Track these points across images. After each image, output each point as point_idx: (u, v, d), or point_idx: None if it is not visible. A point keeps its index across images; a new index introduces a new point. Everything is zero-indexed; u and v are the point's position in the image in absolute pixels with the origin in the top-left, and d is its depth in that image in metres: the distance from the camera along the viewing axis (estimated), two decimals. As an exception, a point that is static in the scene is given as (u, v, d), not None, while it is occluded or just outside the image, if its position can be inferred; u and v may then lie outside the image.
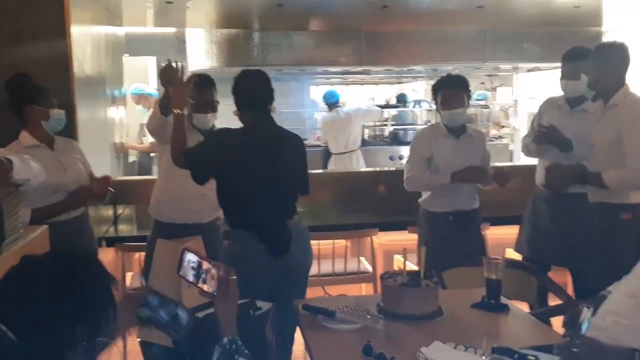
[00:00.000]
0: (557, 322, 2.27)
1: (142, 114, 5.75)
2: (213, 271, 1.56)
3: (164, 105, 2.83)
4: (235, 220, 2.73)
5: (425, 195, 3.33)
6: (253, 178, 2.64)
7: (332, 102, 6.57)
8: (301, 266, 2.81)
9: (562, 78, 3.17)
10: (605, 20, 5.70)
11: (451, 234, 3.19)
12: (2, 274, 1.64)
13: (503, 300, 2.31)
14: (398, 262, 3.94)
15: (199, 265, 1.57)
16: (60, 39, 3.09)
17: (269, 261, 2.64)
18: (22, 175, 2.14)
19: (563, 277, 3.44)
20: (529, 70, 7.00)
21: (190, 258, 1.59)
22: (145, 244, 3.20)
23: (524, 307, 2.68)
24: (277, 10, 4.64)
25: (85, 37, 3.60)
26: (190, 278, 1.58)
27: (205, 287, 1.56)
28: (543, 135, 3.15)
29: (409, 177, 3.27)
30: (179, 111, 2.69)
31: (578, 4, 4.72)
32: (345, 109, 6.65)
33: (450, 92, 3.19)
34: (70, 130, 3.05)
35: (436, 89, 3.26)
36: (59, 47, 3.10)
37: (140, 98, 5.75)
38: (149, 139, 5.65)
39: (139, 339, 2.12)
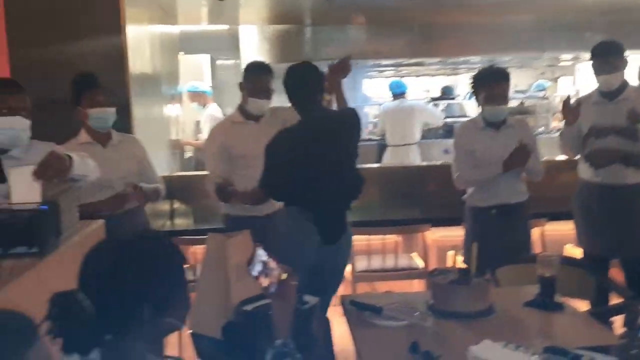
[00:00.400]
0: (619, 321, 2.18)
1: (198, 111, 5.88)
2: (276, 272, 1.60)
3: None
4: (297, 208, 2.76)
5: (469, 190, 3.26)
6: (317, 169, 2.68)
7: (398, 92, 6.34)
8: (342, 263, 2.87)
9: (596, 74, 3.13)
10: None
11: (495, 230, 3.11)
12: (59, 268, 1.71)
13: (558, 298, 2.22)
14: (451, 258, 3.87)
15: (266, 263, 1.62)
16: (116, 38, 3.18)
17: (319, 247, 2.70)
18: (80, 172, 2.21)
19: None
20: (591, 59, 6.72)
21: (261, 254, 1.64)
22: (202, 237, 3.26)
23: (584, 306, 2.58)
24: (326, 5, 4.63)
25: (140, 36, 3.70)
26: (255, 272, 1.63)
27: (266, 283, 1.60)
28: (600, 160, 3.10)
29: (458, 176, 3.20)
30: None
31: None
32: (410, 101, 6.47)
33: (494, 87, 3.08)
34: (126, 127, 3.14)
35: (477, 83, 3.16)
36: (115, 45, 3.19)
37: (196, 95, 5.88)
38: (205, 136, 5.78)
39: (189, 331, 2.16)
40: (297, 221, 2.73)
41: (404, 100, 6.31)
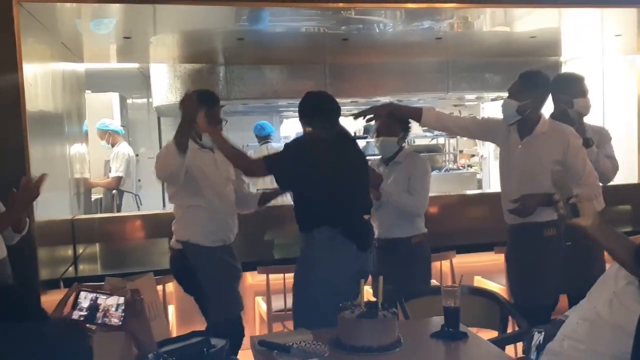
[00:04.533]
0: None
1: (107, 150, 5.69)
2: (112, 300, 1.49)
3: (181, 140, 2.90)
4: (319, 220, 2.86)
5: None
6: (341, 181, 2.87)
7: (262, 135, 6.03)
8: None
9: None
10: (564, 50, 5.86)
11: (383, 263, 3.28)
12: None
13: (462, 328, 2.27)
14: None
15: (95, 300, 1.50)
16: (12, 74, 3.02)
17: (356, 254, 2.86)
18: None
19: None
20: (492, 100, 7.11)
21: (84, 299, 1.51)
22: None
23: (493, 334, 2.65)
24: (238, 44, 4.65)
25: (39, 73, 3.55)
26: (77, 316, 1.51)
27: (112, 322, 1.50)
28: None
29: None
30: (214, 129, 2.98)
31: (534, 34, 4.83)
32: (275, 144, 6.00)
33: (382, 121, 3.38)
34: (21, 166, 2.97)
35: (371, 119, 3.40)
36: (11, 82, 3.03)
37: (105, 134, 5.70)
38: (112, 174, 5.58)
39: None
40: (330, 240, 2.84)
41: (268, 145, 5.91)
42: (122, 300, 1.48)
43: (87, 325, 1.51)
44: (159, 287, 3.22)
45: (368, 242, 3.00)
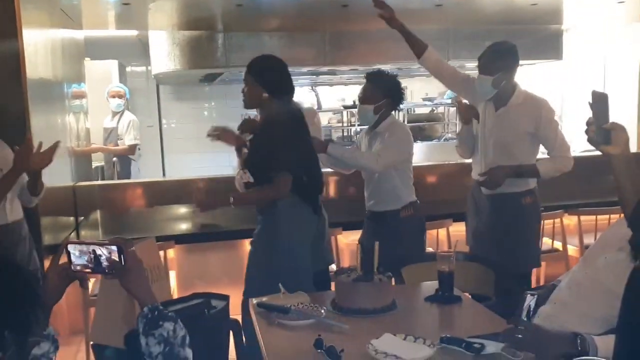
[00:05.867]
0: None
1: (117, 110, 5.64)
2: (106, 250, 1.52)
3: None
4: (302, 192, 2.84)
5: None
6: (305, 150, 2.90)
7: None
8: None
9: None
10: (565, 17, 5.81)
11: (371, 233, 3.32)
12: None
13: (456, 292, 2.33)
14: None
15: (93, 252, 1.53)
16: (11, 41, 3.02)
17: (314, 218, 2.92)
18: None
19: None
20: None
21: (75, 249, 1.54)
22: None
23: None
24: (237, 11, 4.63)
25: (40, 41, 3.54)
26: (83, 267, 1.54)
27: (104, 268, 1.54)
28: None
29: None
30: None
31: (535, 1, 4.79)
32: None
33: (365, 87, 3.30)
34: (23, 134, 3.00)
35: None
36: (11, 49, 3.03)
37: (117, 92, 5.67)
38: (126, 142, 5.61)
39: (91, 342, 2.10)
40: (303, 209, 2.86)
41: None
42: (114, 247, 1.51)
43: (81, 271, 1.54)
44: (161, 253, 3.28)
45: (319, 205, 3.01)
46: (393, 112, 3.37)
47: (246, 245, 4.08)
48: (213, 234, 4.05)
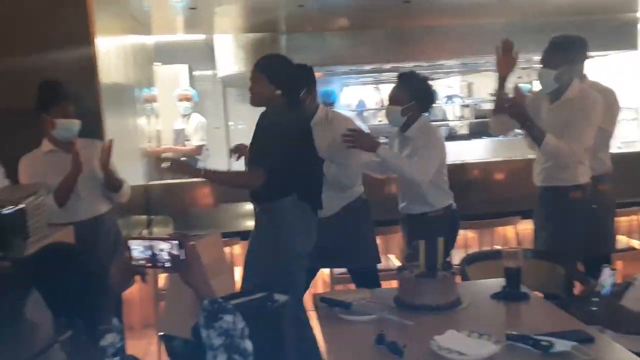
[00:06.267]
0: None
1: (182, 116, 5.83)
2: (166, 245, 1.57)
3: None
4: (287, 189, 2.77)
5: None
6: (306, 148, 2.85)
7: (328, 102, 5.65)
8: None
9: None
10: (641, 5, 5.54)
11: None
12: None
13: (523, 289, 2.27)
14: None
15: (150, 247, 1.58)
16: (86, 47, 3.18)
17: (314, 217, 2.87)
18: None
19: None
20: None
21: (137, 245, 1.60)
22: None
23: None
24: (299, 12, 4.68)
25: (112, 46, 3.71)
26: (146, 262, 1.60)
27: (165, 264, 1.58)
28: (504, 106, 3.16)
29: None
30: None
31: (608, -11, 4.59)
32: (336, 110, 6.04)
33: (394, 87, 3.22)
34: (97, 136, 3.15)
35: None
36: (85, 55, 3.19)
37: (185, 95, 5.85)
38: (193, 142, 5.79)
39: (159, 333, 2.18)
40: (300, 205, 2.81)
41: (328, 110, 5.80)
42: (175, 242, 1.56)
43: (142, 266, 1.61)
44: (227, 249, 3.37)
45: (320, 202, 2.93)
46: (425, 114, 3.25)
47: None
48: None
